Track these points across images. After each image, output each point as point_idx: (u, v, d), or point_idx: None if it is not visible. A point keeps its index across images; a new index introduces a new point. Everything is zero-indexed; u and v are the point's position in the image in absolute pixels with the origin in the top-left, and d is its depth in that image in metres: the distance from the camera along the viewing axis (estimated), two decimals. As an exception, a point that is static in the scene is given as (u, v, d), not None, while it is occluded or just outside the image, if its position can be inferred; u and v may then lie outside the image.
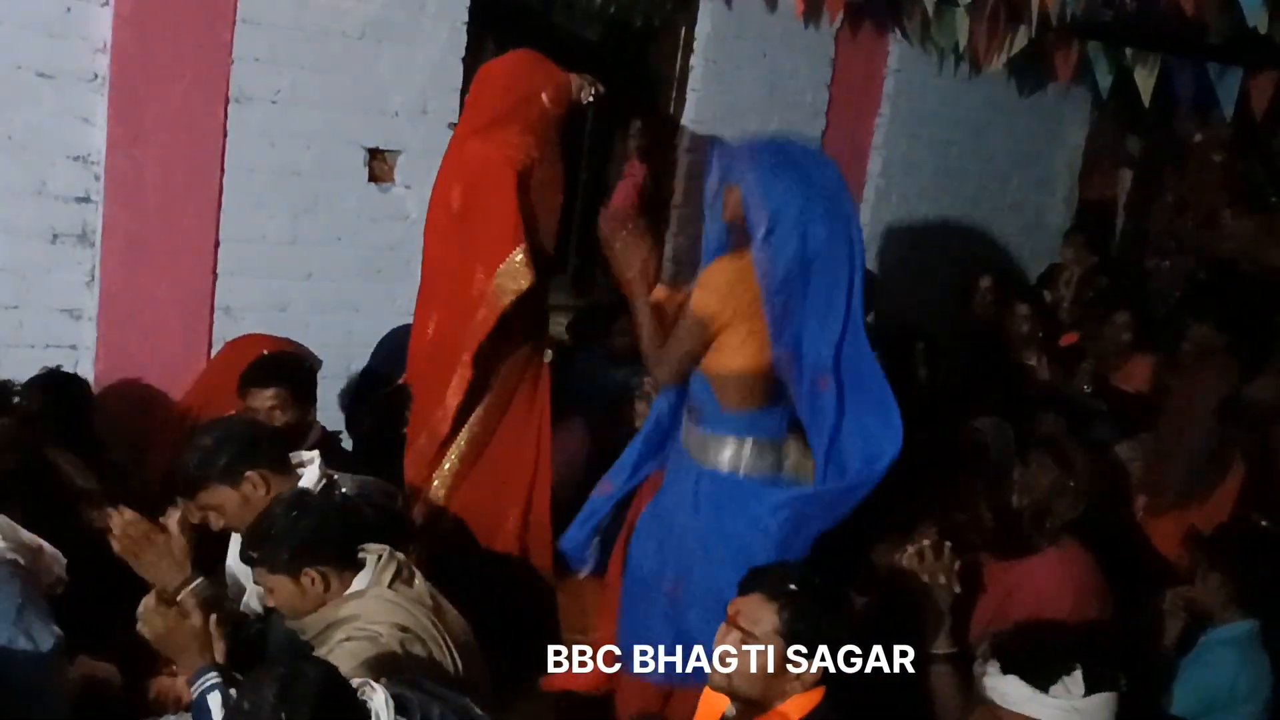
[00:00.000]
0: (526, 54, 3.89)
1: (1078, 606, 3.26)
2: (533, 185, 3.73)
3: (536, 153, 3.71)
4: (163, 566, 2.79)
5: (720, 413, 3.25)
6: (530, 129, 3.71)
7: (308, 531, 2.71)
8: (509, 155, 3.67)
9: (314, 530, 2.72)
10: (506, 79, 3.84)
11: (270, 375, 3.66)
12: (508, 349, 3.86)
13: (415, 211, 4.65)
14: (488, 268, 3.70)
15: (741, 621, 2.49)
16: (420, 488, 3.90)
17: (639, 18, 5.44)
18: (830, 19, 5.80)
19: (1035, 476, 4.05)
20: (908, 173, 6.48)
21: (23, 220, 4.06)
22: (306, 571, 2.69)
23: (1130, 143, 7.70)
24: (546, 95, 3.73)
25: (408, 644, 2.64)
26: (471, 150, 3.77)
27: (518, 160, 3.67)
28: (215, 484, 3.02)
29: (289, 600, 2.73)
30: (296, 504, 2.78)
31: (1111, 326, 5.78)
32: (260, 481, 3.03)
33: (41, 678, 2.51)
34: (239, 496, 3.02)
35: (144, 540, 2.77)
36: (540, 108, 3.73)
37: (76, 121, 4.07)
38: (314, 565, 2.69)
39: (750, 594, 2.53)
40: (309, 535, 2.71)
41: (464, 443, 3.88)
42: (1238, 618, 3.38)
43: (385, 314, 4.70)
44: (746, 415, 3.25)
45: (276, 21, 4.35)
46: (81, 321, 4.22)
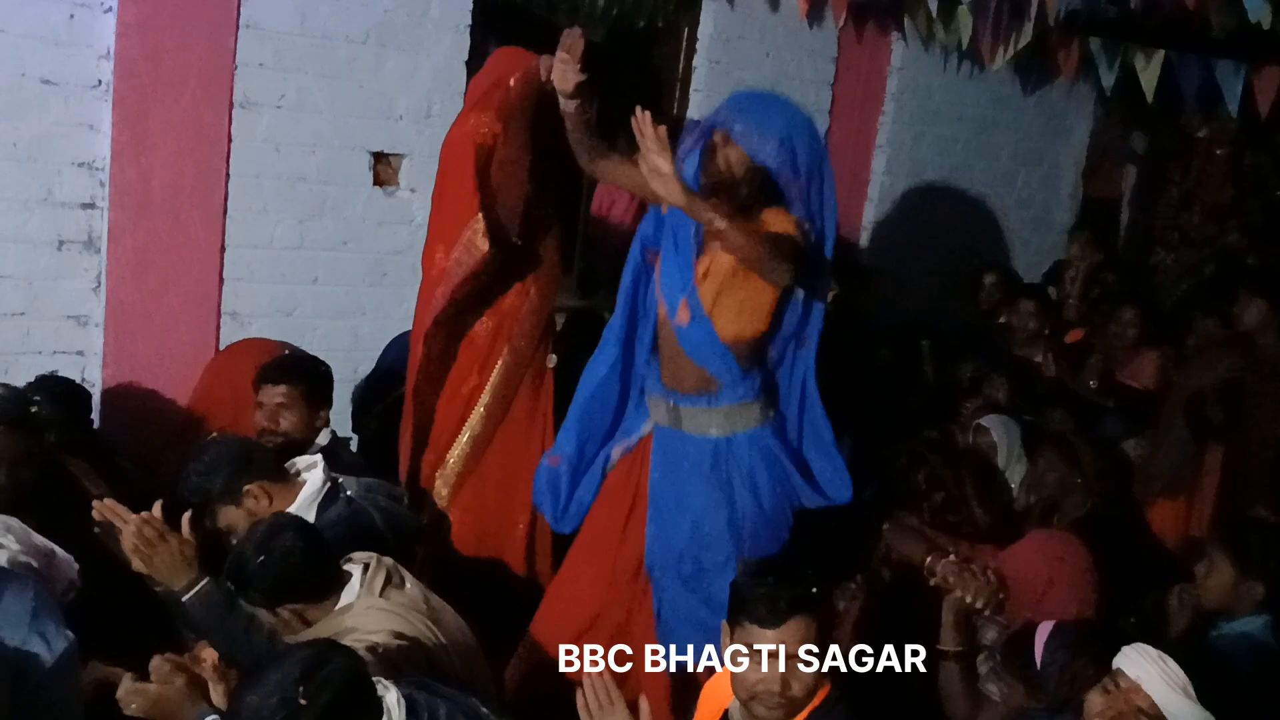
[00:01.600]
0: (503, 49, 3.91)
1: (1060, 584, 3.27)
2: (495, 161, 3.68)
3: (499, 128, 3.65)
4: (173, 567, 2.80)
5: (742, 378, 3.26)
6: (495, 110, 3.66)
7: (274, 575, 2.76)
8: (468, 131, 3.65)
9: (280, 574, 2.76)
10: (482, 73, 3.86)
11: (282, 373, 3.68)
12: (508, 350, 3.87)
13: (420, 215, 4.65)
14: (447, 244, 3.69)
15: (786, 648, 2.38)
16: (423, 488, 3.91)
17: (642, 19, 5.44)
18: (834, 18, 5.80)
19: (1043, 473, 4.07)
20: (912, 171, 6.47)
21: (29, 228, 4.07)
22: (280, 611, 2.76)
23: (1135, 139, 7.69)
24: (514, 78, 3.69)
25: (406, 651, 2.65)
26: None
27: (477, 135, 3.63)
28: (219, 506, 3.07)
29: (275, 626, 2.80)
30: (262, 547, 2.79)
31: (1118, 322, 5.78)
32: (261, 494, 3.09)
33: (56, 681, 2.52)
34: (244, 513, 3.08)
35: (153, 541, 2.79)
36: (506, 89, 3.68)
37: (82, 129, 4.08)
38: (285, 603, 2.76)
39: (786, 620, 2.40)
40: (276, 578, 2.76)
41: (466, 443, 3.89)
42: (1249, 611, 3.38)
43: (392, 318, 4.71)
44: (756, 375, 3.30)
45: (280, 27, 4.36)
46: (88, 328, 4.23)
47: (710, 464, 3.29)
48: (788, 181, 3.16)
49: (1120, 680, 2.51)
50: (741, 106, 3.22)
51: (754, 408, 3.30)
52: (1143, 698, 2.47)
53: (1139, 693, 2.47)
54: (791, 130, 3.16)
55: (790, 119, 3.20)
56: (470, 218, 3.63)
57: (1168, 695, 2.45)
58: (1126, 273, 7.04)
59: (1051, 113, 7.05)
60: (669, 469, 3.37)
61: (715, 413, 3.29)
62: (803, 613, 2.42)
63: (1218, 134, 7.26)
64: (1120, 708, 2.48)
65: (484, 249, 3.63)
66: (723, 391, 3.27)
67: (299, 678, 2.18)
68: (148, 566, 2.79)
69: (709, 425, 3.30)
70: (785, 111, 3.23)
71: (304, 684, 2.17)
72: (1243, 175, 7.34)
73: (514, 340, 3.86)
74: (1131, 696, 2.48)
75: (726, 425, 3.29)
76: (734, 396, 3.27)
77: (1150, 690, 2.47)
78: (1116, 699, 2.50)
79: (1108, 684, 2.53)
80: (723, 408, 3.28)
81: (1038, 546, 3.47)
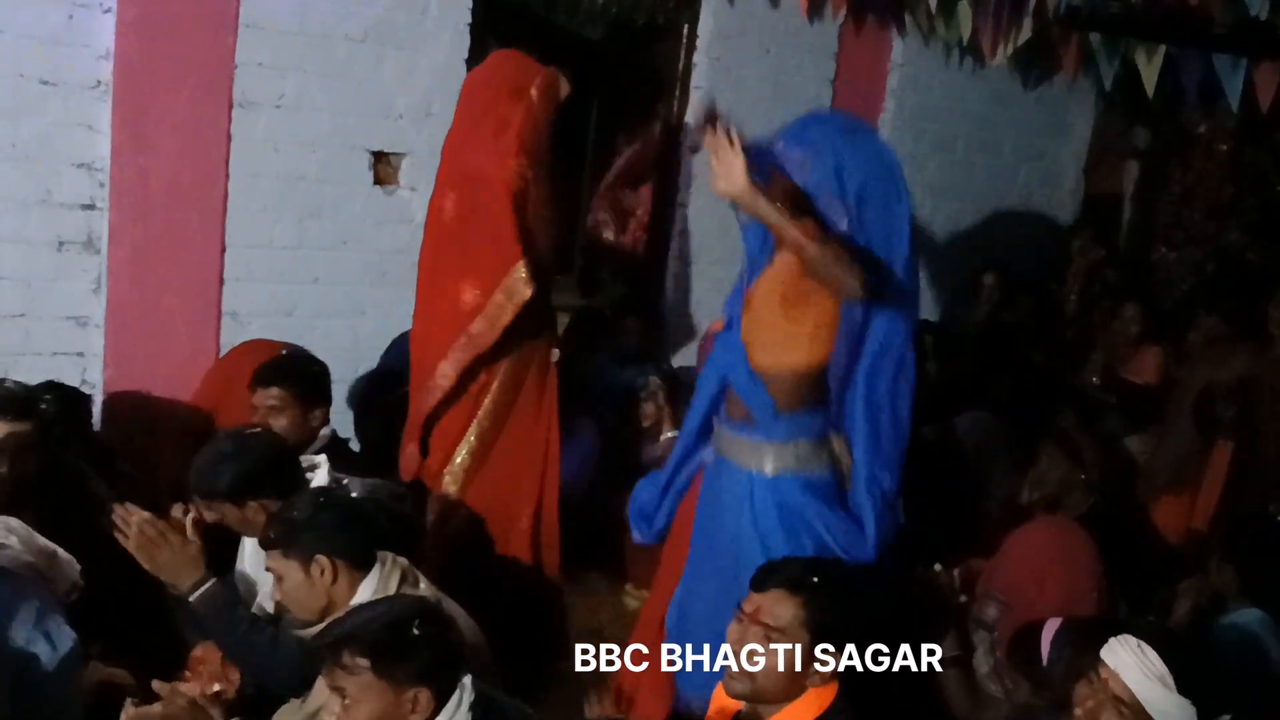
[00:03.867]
0: (505, 52, 3.90)
1: (1058, 567, 3.28)
2: (530, 201, 3.72)
3: (531, 172, 3.69)
4: (177, 566, 2.79)
5: (775, 416, 3.14)
6: (523, 139, 3.67)
7: (329, 519, 2.73)
8: (506, 178, 3.65)
9: (335, 520, 2.73)
10: (489, 77, 3.84)
11: (274, 376, 3.66)
12: (513, 349, 3.86)
13: (420, 214, 4.62)
14: (482, 283, 3.71)
15: (764, 618, 2.44)
16: (429, 488, 3.90)
17: (642, 16, 5.43)
18: (833, 14, 5.79)
19: (1046, 470, 4.08)
20: (913, 168, 6.43)
21: (29, 229, 4.06)
22: (318, 559, 2.69)
23: (1137, 135, 7.68)
24: (535, 91, 3.70)
25: None
26: (467, 162, 3.76)
27: (514, 181, 3.66)
28: (222, 503, 3.06)
29: (295, 590, 2.73)
30: (323, 493, 2.81)
31: (1119, 319, 5.79)
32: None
33: (60, 680, 2.53)
34: (242, 516, 3.07)
35: (159, 540, 2.78)
36: (530, 106, 3.68)
37: (81, 129, 4.07)
38: (327, 554, 2.69)
39: (768, 589, 2.48)
40: (329, 523, 2.72)
41: (474, 439, 3.89)
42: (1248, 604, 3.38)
43: (392, 318, 4.70)
44: (800, 416, 3.16)
45: (279, 26, 4.35)
46: (89, 329, 4.22)
47: (743, 496, 3.19)
48: (829, 204, 3.02)
49: (1101, 670, 2.52)
50: (790, 128, 3.13)
51: (788, 451, 3.16)
52: (1120, 686, 2.47)
53: (1116, 681, 2.48)
54: (837, 148, 3.02)
55: (835, 136, 3.06)
56: (512, 263, 3.68)
57: (1144, 684, 2.45)
58: (1128, 269, 7.04)
59: (1053, 109, 7.04)
60: (709, 495, 3.33)
61: (744, 443, 3.20)
62: (787, 589, 2.44)
63: (1218, 130, 7.26)
64: (1100, 697, 2.49)
65: (528, 294, 3.69)
66: (758, 424, 3.17)
67: (416, 614, 2.25)
68: (153, 566, 2.79)
69: (743, 456, 3.20)
70: (827, 129, 3.10)
71: (420, 620, 2.24)
72: (1243, 172, 7.33)
73: (518, 338, 3.86)
74: (1110, 685, 2.48)
75: (753, 459, 3.18)
76: (768, 433, 3.15)
77: (1127, 679, 2.47)
78: (1097, 688, 2.51)
79: (1091, 674, 2.55)
80: (754, 441, 3.18)
81: (1039, 528, 3.51)
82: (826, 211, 3.01)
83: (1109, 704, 2.47)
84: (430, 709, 2.28)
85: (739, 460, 3.21)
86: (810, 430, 3.17)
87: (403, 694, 2.25)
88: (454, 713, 2.31)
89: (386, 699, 2.25)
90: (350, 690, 2.25)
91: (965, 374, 5.43)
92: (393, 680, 2.24)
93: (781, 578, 2.49)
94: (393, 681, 2.24)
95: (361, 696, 2.24)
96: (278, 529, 2.76)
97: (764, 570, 2.55)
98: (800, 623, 2.42)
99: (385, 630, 2.28)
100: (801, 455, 3.16)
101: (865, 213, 3.05)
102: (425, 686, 2.27)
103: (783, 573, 2.51)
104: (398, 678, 2.25)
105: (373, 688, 2.24)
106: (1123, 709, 2.45)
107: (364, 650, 2.25)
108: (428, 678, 2.27)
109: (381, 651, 2.25)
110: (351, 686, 2.24)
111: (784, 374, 3.12)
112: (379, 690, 2.24)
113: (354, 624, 2.32)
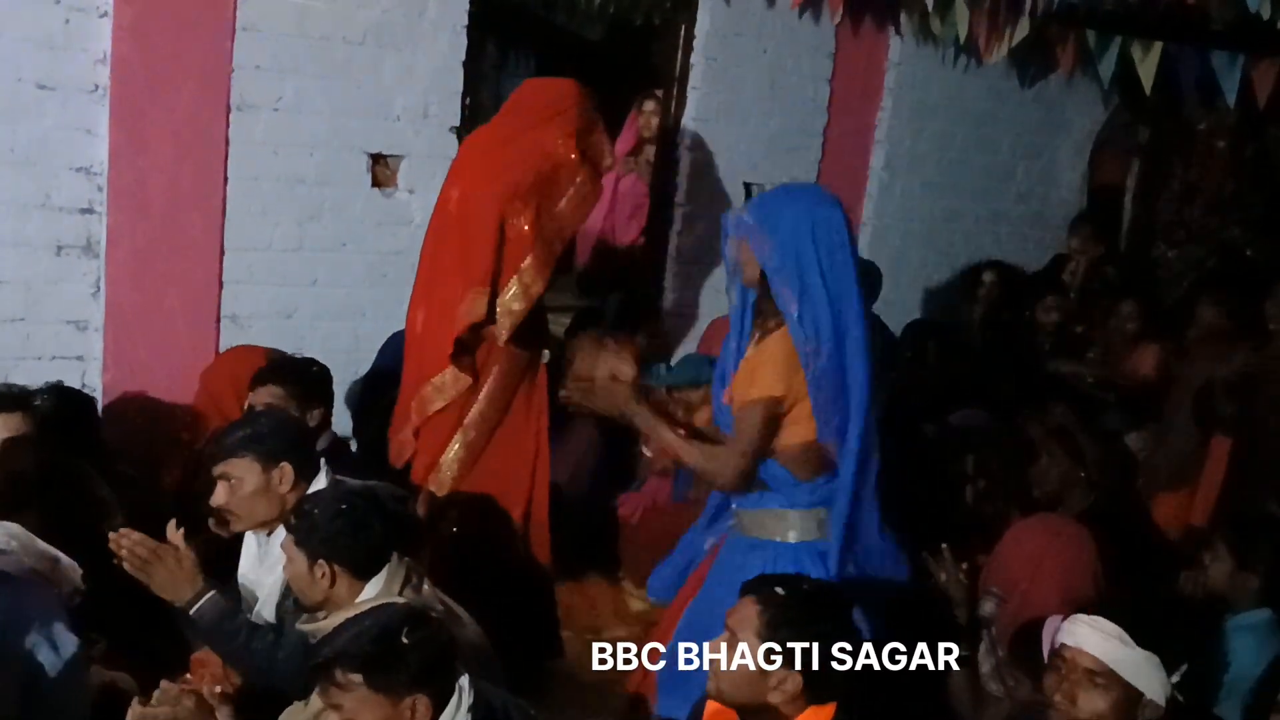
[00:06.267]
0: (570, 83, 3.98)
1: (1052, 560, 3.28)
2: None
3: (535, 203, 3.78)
4: (174, 583, 2.80)
5: (796, 487, 3.06)
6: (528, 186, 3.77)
7: (341, 528, 2.73)
8: (498, 206, 3.74)
9: (347, 530, 2.73)
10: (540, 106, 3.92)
11: (272, 376, 3.67)
12: (503, 352, 3.87)
13: (419, 216, 4.65)
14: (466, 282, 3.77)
15: (730, 620, 2.48)
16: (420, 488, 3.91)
17: (639, 17, 5.44)
18: (830, 14, 5.79)
19: (1046, 468, 4.08)
20: (911, 166, 6.46)
21: (28, 233, 4.06)
22: (320, 563, 2.72)
23: (1136, 131, 7.67)
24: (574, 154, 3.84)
25: None
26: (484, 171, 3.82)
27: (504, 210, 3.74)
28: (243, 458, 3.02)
29: (297, 580, 2.78)
30: (347, 498, 2.80)
31: (1118, 316, 5.79)
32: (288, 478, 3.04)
33: (63, 685, 2.54)
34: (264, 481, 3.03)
35: (153, 559, 2.79)
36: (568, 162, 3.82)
37: (79, 133, 4.08)
38: (331, 560, 2.72)
39: (743, 598, 2.52)
40: (340, 532, 2.73)
41: (464, 440, 3.89)
42: (1248, 605, 3.37)
43: (391, 319, 4.69)
44: (820, 485, 3.08)
45: (277, 29, 4.35)
46: (88, 332, 4.22)
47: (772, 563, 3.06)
48: (781, 291, 2.95)
49: (1064, 654, 2.57)
50: (763, 203, 3.10)
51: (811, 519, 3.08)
52: (1087, 659, 2.52)
53: (1082, 655, 2.53)
54: (799, 234, 2.94)
55: (801, 221, 2.96)
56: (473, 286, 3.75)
57: (1105, 646, 2.50)
58: (1128, 266, 7.04)
59: (1051, 106, 7.04)
60: (720, 570, 3.22)
61: (744, 513, 3.14)
62: (753, 595, 2.47)
63: (1217, 126, 7.25)
64: (1072, 677, 2.53)
65: (538, 292, 3.81)
66: (771, 498, 3.09)
67: (404, 622, 2.24)
68: (151, 585, 2.80)
69: (767, 527, 3.12)
70: (798, 210, 3.00)
71: (408, 627, 2.23)
72: (1243, 168, 7.33)
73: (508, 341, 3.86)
74: (1077, 660, 2.53)
75: (778, 528, 3.09)
76: (791, 500, 3.07)
77: (1090, 649, 2.51)
78: (1065, 672, 2.55)
79: (1055, 662, 2.60)
80: (778, 510, 3.09)
81: (1034, 524, 3.52)
82: (779, 296, 2.96)
83: (1082, 680, 2.51)
84: (430, 714, 2.28)
85: (760, 534, 3.12)
86: (824, 498, 3.08)
87: (400, 703, 2.25)
88: (454, 715, 2.32)
89: (385, 711, 2.24)
90: (347, 707, 2.24)
91: (965, 372, 5.43)
92: (388, 692, 2.24)
93: (755, 587, 2.52)
94: (388, 693, 2.24)
95: (359, 712, 2.23)
96: (297, 518, 2.79)
97: (750, 582, 2.57)
98: (755, 629, 2.43)
99: (374, 643, 2.27)
100: (780, 525, 3.09)
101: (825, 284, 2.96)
102: (421, 693, 2.27)
103: (759, 583, 2.54)
104: (393, 688, 2.24)
105: (369, 701, 2.23)
106: (1096, 679, 2.49)
107: (355, 666, 2.23)
108: (423, 684, 2.27)
109: (373, 665, 2.23)
110: (348, 703, 2.24)
111: (797, 448, 3.04)
112: (376, 703, 2.23)
113: (342, 641, 2.30)
